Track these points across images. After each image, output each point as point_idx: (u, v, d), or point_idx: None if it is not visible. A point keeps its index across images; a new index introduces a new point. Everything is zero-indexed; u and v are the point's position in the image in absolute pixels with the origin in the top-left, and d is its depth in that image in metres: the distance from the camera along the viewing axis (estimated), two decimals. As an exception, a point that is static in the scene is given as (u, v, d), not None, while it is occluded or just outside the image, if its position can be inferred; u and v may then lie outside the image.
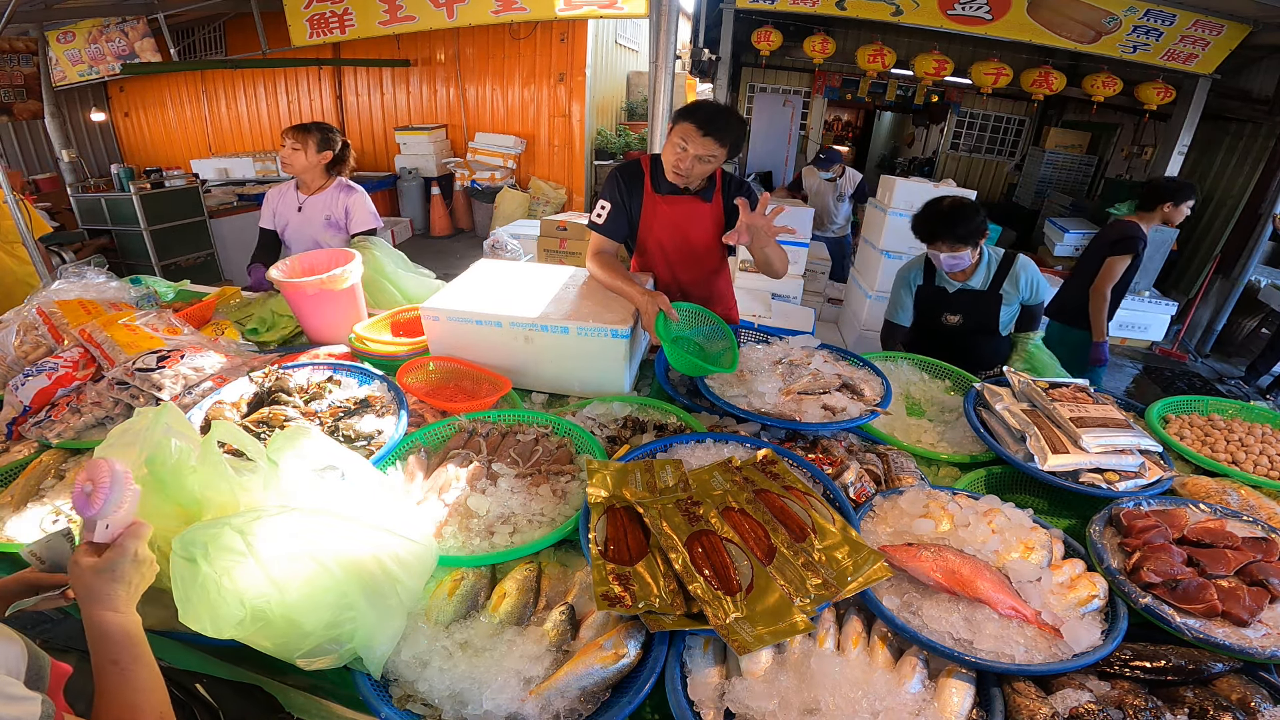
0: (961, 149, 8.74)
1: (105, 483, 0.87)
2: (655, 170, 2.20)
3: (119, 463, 0.90)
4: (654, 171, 2.20)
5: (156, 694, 0.85)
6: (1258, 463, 1.71)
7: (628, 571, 1.14)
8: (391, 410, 1.66)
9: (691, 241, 2.26)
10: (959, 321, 2.49)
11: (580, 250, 5.97)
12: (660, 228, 2.23)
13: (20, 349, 1.96)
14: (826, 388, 1.75)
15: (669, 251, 2.27)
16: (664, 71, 3.42)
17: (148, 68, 7.04)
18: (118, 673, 0.83)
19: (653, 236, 2.25)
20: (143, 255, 6.00)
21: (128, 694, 0.83)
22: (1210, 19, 4.79)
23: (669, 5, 3.28)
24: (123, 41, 6.86)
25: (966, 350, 2.40)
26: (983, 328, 2.48)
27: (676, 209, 2.20)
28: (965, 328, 2.49)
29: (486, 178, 8.35)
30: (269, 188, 2.88)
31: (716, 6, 6.33)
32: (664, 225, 2.22)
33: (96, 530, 0.89)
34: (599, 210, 2.21)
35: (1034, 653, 1.08)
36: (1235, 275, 5.67)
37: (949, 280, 2.44)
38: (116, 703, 0.82)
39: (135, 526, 0.92)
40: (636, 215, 2.24)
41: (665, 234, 2.24)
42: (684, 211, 2.21)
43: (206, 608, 0.90)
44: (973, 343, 2.51)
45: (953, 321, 2.49)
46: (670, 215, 2.21)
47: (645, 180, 2.21)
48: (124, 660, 0.84)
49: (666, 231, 2.23)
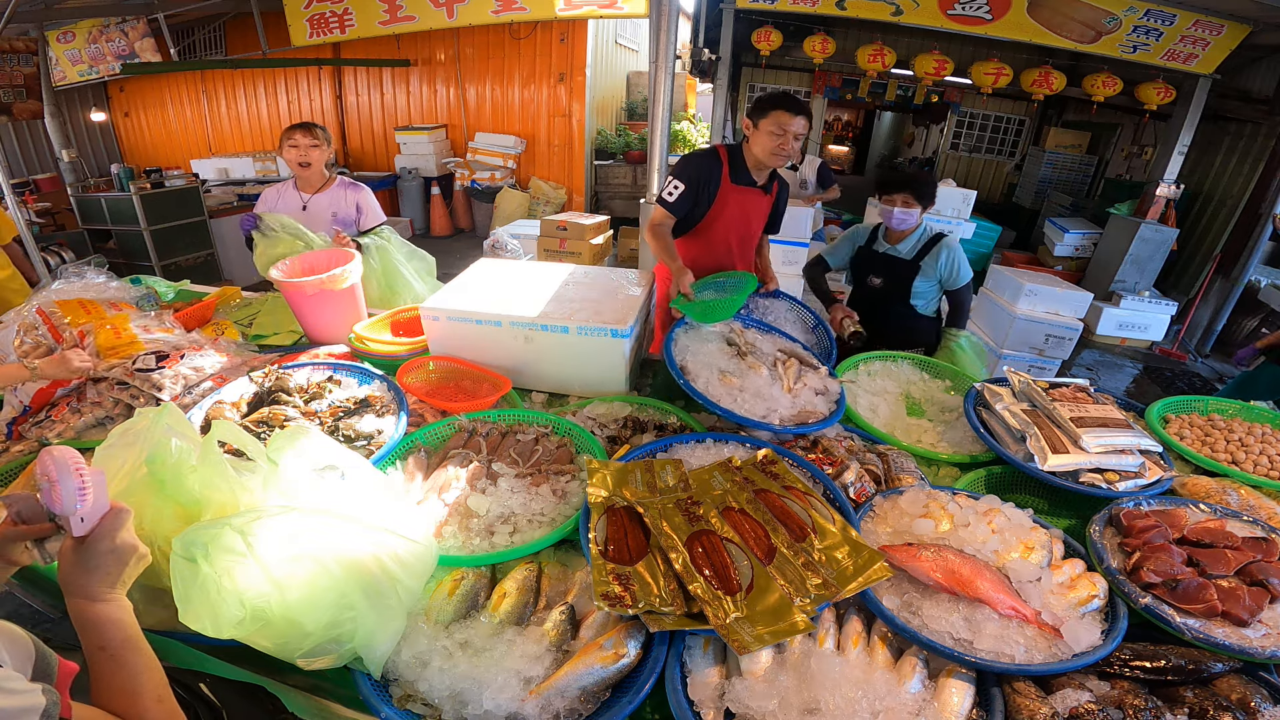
0: (961, 149, 8.74)
1: (53, 475, 0.85)
2: (733, 161, 2.36)
3: (60, 451, 0.87)
4: (731, 162, 2.36)
5: (152, 676, 0.85)
6: (1258, 463, 1.71)
7: (628, 571, 1.14)
8: (391, 410, 1.66)
9: (753, 229, 2.52)
10: (879, 285, 2.68)
11: (580, 250, 5.97)
12: (730, 216, 2.42)
13: (20, 349, 1.96)
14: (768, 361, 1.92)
15: (732, 238, 2.46)
16: (664, 71, 3.43)
17: (148, 68, 7.03)
18: (107, 659, 0.83)
19: (721, 223, 2.42)
20: (143, 255, 6.00)
21: (122, 679, 0.82)
22: (1210, 19, 4.79)
23: (669, 5, 3.28)
24: (123, 41, 6.86)
25: (883, 317, 2.63)
26: (897, 293, 2.65)
27: (747, 200, 2.41)
28: (883, 291, 2.68)
29: (486, 178, 8.34)
30: (267, 187, 2.90)
31: (716, 6, 6.33)
32: (734, 214, 2.42)
33: (73, 524, 0.87)
34: (671, 188, 2.35)
35: (1034, 653, 1.08)
36: (1235, 275, 5.67)
37: (885, 244, 2.66)
38: (111, 689, 0.81)
39: (112, 514, 0.90)
40: (708, 202, 2.38)
41: (734, 223, 2.44)
42: (752, 203, 2.43)
43: (207, 608, 0.90)
44: (886, 309, 2.67)
45: (875, 284, 2.70)
46: (741, 205, 2.41)
47: (724, 170, 2.36)
48: (112, 646, 0.84)
49: (735, 221, 2.44)
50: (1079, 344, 5.09)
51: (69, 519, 0.87)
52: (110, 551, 0.87)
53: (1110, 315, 5.80)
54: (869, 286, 2.72)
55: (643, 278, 2.16)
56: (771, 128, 2.23)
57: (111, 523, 0.89)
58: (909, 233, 2.60)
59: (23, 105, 5.77)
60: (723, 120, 7.16)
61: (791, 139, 2.24)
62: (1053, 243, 6.73)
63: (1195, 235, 6.24)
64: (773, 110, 2.22)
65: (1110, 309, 5.79)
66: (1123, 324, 5.84)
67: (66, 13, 6.48)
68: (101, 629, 0.84)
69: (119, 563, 0.88)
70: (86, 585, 0.86)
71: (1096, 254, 6.45)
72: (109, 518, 0.89)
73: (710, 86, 8.30)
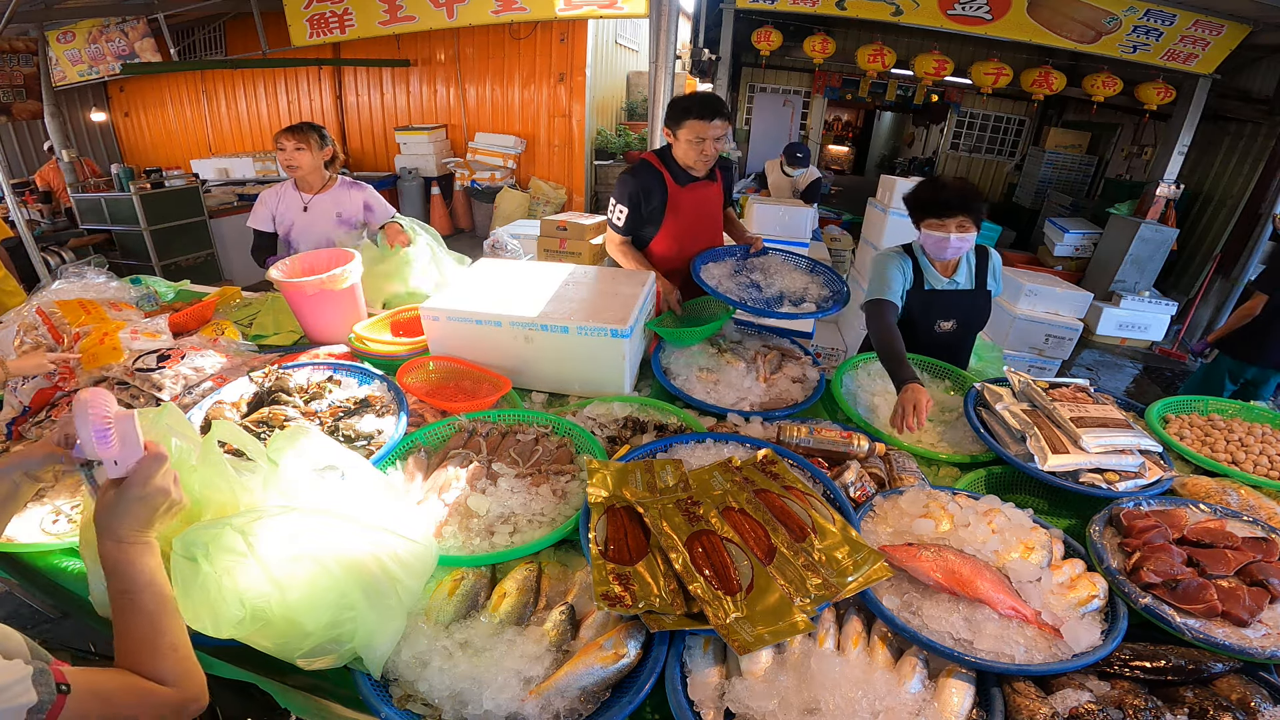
0: (961, 149, 8.74)
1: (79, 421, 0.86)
2: (669, 166, 2.38)
3: (89, 395, 0.88)
4: (669, 168, 2.38)
5: (170, 624, 0.86)
6: (1258, 463, 1.71)
7: (628, 571, 1.14)
8: (391, 410, 1.66)
9: (714, 218, 2.56)
10: (952, 328, 2.19)
11: (580, 250, 5.97)
12: (687, 216, 2.44)
13: (20, 349, 1.96)
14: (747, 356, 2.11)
15: (697, 232, 2.49)
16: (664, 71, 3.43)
17: (148, 68, 7.03)
18: (128, 603, 0.84)
19: (679, 222, 2.44)
20: (143, 255, 6.00)
21: (141, 624, 0.84)
22: (1210, 19, 4.79)
23: (669, 5, 3.28)
24: (123, 41, 6.86)
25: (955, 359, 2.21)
26: (971, 330, 2.26)
27: (698, 196, 2.43)
28: (958, 334, 2.22)
29: (486, 178, 8.34)
30: (266, 189, 2.89)
31: (716, 6, 6.33)
32: (690, 213, 2.45)
33: (108, 469, 0.88)
34: (617, 214, 2.42)
35: (1034, 653, 1.08)
36: (1235, 275, 5.67)
37: (936, 276, 2.15)
38: (131, 636, 0.83)
39: (147, 459, 0.90)
40: (660, 212, 2.41)
41: (691, 220, 2.46)
42: (704, 196, 2.46)
43: (207, 607, 0.90)
44: (958, 350, 2.26)
45: (945, 328, 2.19)
46: (693, 203, 2.43)
47: (665, 178, 2.37)
48: (134, 589, 0.85)
49: (692, 217, 2.46)
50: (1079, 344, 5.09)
51: (104, 464, 0.88)
52: (140, 498, 0.89)
53: (1110, 315, 5.80)
54: (937, 332, 2.20)
55: (643, 278, 2.16)
56: (689, 136, 2.23)
57: (146, 468, 0.90)
58: (956, 262, 2.15)
59: (22, 105, 5.77)
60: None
61: (712, 143, 2.23)
62: (1053, 243, 6.72)
63: (1195, 235, 6.24)
64: (687, 120, 2.20)
65: (1110, 309, 5.80)
66: (1123, 324, 5.84)
67: (66, 13, 6.48)
68: (125, 570, 0.86)
69: (148, 509, 0.90)
70: (116, 526, 0.87)
71: (1096, 254, 6.45)
72: (144, 462, 0.90)
73: (710, 86, 8.29)
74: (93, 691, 0.75)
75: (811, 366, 2.06)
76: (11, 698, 0.67)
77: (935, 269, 2.14)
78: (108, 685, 0.78)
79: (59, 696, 0.71)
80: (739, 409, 1.83)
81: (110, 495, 0.89)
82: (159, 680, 0.82)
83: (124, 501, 0.88)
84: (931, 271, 2.15)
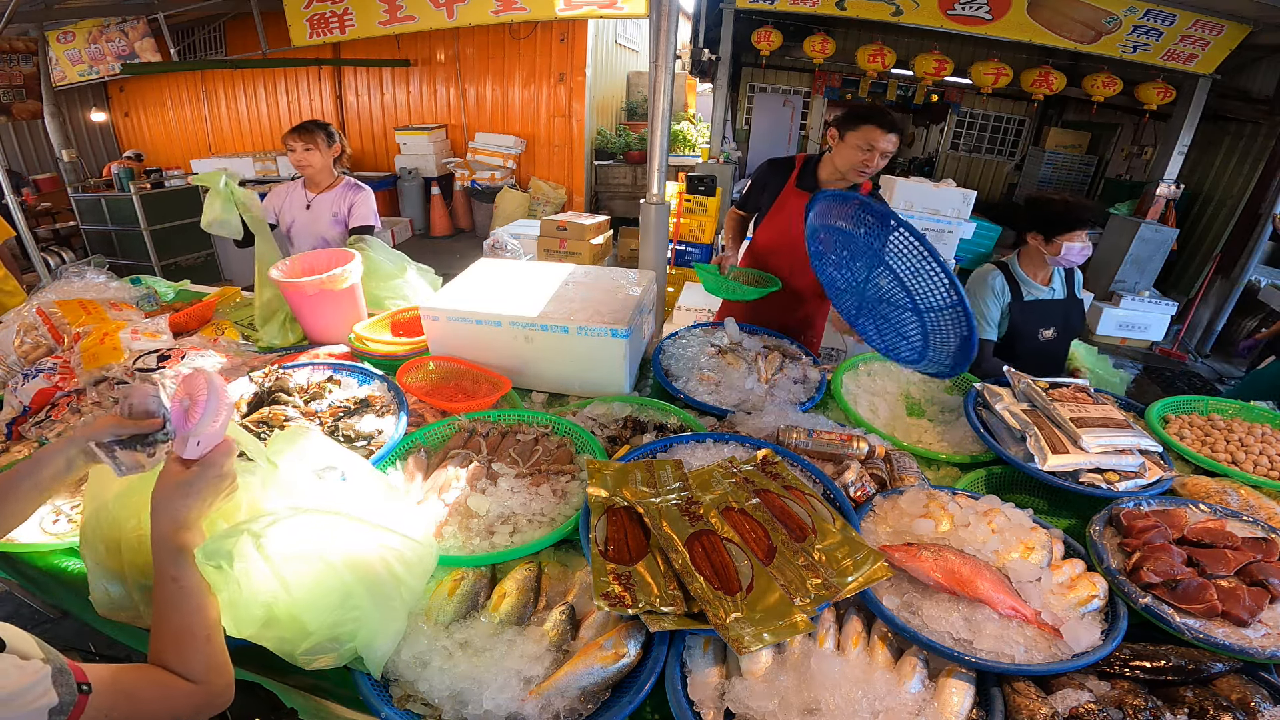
0: (961, 149, 8.73)
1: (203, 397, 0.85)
2: (804, 170, 2.41)
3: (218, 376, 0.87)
4: (803, 170, 2.42)
5: (209, 616, 0.86)
6: (1258, 463, 1.71)
7: (628, 571, 1.14)
8: (391, 410, 1.66)
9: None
10: (1053, 335, 2.28)
11: (580, 250, 5.98)
12: (787, 216, 2.43)
13: (20, 349, 1.96)
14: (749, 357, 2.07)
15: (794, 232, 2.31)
16: (664, 71, 3.42)
17: (148, 68, 7.04)
18: (178, 590, 0.84)
19: (781, 219, 2.45)
20: (143, 255, 6.00)
21: (184, 614, 0.83)
22: (1210, 19, 4.79)
23: (669, 5, 3.27)
24: (123, 41, 6.86)
25: (1055, 369, 2.29)
26: (1069, 337, 2.35)
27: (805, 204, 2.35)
28: (1057, 342, 2.31)
29: (486, 178, 8.34)
30: (269, 187, 2.89)
31: (716, 6, 6.33)
32: (790, 215, 2.40)
33: (188, 446, 0.87)
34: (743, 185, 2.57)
35: (1034, 653, 1.07)
36: (1235, 275, 5.67)
37: (1035, 287, 2.27)
38: (170, 625, 0.82)
39: (226, 444, 0.90)
40: (769, 202, 2.47)
41: (791, 221, 2.38)
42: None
43: (229, 609, 0.91)
44: (1057, 356, 2.35)
45: (1048, 337, 2.28)
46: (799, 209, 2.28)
47: (792, 175, 2.42)
48: (184, 577, 0.84)
49: (792, 219, 2.37)
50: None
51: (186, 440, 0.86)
52: (217, 478, 0.89)
53: (1110, 315, 5.81)
54: (1040, 341, 2.29)
55: (643, 278, 2.16)
56: (859, 142, 2.14)
57: (225, 451, 0.90)
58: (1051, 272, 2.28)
59: (22, 105, 5.77)
60: (723, 120, 7.16)
61: (879, 157, 2.14)
62: (1053, 243, 6.72)
63: (1195, 235, 6.24)
64: (864, 124, 2.12)
65: (1110, 309, 5.80)
66: (1123, 324, 5.84)
67: (66, 13, 6.48)
68: (179, 558, 0.85)
69: (217, 492, 0.90)
70: (181, 509, 0.87)
71: (1096, 254, 6.44)
72: (223, 446, 0.90)
73: (710, 86, 8.29)
74: (115, 689, 0.74)
75: (812, 367, 2.07)
76: (33, 699, 0.65)
77: (1033, 280, 2.27)
78: (130, 682, 0.77)
79: (80, 696, 0.70)
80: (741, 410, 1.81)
81: (181, 474, 0.87)
82: (187, 675, 0.81)
83: (201, 480, 0.87)
84: (1030, 283, 2.27)
